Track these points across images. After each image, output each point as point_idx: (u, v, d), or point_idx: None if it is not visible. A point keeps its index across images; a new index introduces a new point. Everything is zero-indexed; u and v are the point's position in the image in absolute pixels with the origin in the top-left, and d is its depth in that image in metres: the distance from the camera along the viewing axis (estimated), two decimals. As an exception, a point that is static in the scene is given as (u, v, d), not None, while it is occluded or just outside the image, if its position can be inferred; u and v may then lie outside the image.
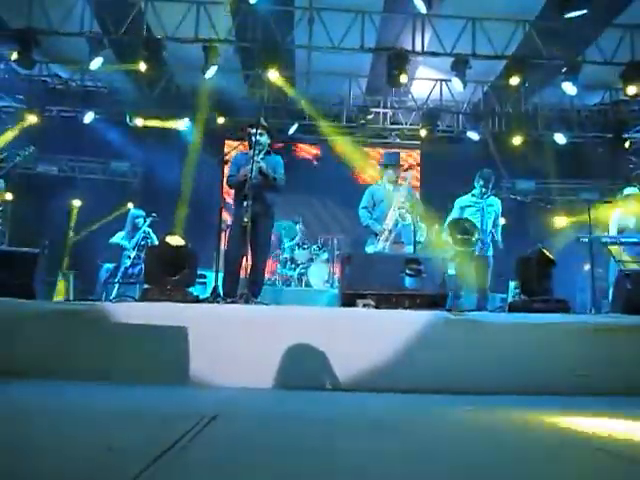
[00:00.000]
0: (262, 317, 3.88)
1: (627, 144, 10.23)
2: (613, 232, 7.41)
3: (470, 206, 7.01)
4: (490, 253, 6.88)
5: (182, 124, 10.22)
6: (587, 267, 7.28)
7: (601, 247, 7.22)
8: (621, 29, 8.26)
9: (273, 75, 8.51)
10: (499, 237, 7.03)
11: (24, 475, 1.54)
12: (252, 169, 5.12)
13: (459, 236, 6.54)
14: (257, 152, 5.35)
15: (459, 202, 7.15)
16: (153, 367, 3.59)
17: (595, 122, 11.01)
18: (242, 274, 5.38)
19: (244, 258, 5.26)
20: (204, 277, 7.23)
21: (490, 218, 6.96)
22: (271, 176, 5.44)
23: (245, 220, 5.04)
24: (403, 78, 8.21)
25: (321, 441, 2.16)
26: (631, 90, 8.20)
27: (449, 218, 7.04)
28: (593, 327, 3.75)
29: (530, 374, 3.62)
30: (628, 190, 7.63)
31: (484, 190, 6.95)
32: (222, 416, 2.48)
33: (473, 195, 7.06)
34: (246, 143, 5.71)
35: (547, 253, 4.76)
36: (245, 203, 5.08)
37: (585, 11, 6.71)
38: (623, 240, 6.91)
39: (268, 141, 5.68)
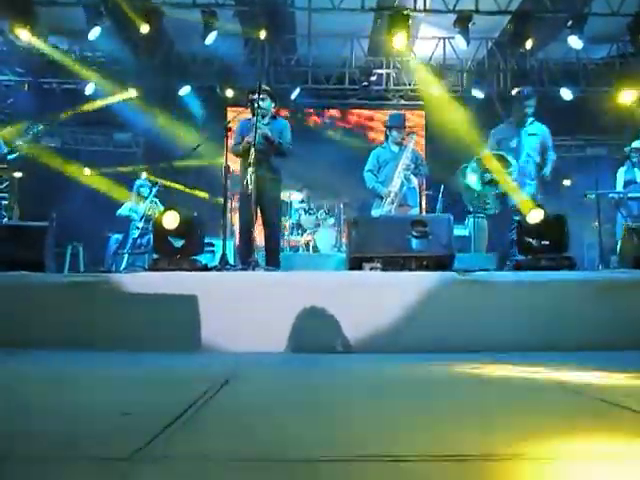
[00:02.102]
0: (271, 283, 3.93)
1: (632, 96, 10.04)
2: (620, 187, 7.38)
3: (506, 139, 5.96)
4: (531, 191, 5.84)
5: (183, 91, 10.14)
6: (595, 223, 7.24)
7: (608, 203, 7.20)
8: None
9: (263, 34, 8.38)
10: (548, 172, 5.92)
11: (42, 437, 1.60)
12: (255, 135, 5.11)
13: (487, 175, 5.63)
14: (260, 117, 5.32)
15: (496, 133, 6.16)
16: (165, 335, 3.66)
17: (602, 76, 10.81)
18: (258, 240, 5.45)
19: (255, 224, 5.31)
20: (212, 245, 7.27)
21: (534, 150, 5.91)
22: (276, 141, 5.42)
23: (250, 187, 5.06)
24: (405, 38, 8.08)
25: (332, 400, 2.22)
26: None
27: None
28: (598, 284, 3.78)
29: (534, 330, 3.67)
30: (636, 143, 7.51)
31: (527, 113, 5.97)
32: (234, 379, 2.54)
33: (510, 123, 6.19)
34: (249, 109, 5.66)
35: (545, 210, 4.75)
36: (250, 170, 5.09)
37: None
38: (630, 195, 6.89)
39: (272, 105, 5.65)
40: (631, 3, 8.17)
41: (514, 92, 6.12)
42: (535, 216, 4.72)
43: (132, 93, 9.87)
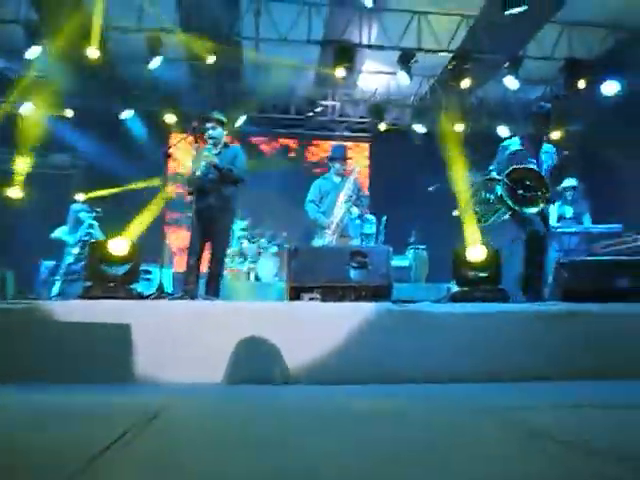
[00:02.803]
0: (209, 312, 3.84)
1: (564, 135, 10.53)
2: (554, 222, 7.68)
3: (518, 151, 5.30)
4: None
5: (126, 114, 10.00)
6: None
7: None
8: (559, 26, 8.53)
9: (210, 59, 8.34)
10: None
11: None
12: (202, 164, 5.08)
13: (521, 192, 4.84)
14: (211, 146, 5.30)
15: (508, 145, 5.47)
16: (97, 365, 3.51)
17: (536, 115, 11.29)
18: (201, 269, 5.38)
19: (202, 253, 5.28)
20: (149, 273, 7.10)
21: (547, 170, 5.31)
22: (225, 169, 5.36)
23: (200, 215, 5.09)
24: (350, 71, 8.26)
25: (265, 434, 2.17)
26: (578, 85, 8.54)
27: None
28: (530, 315, 3.88)
29: (470, 361, 3.72)
30: (566, 182, 7.87)
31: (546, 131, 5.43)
32: (165, 413, 2.45)
33: (522, 137, 5.50)
34: (192, 136, 5.60)
35: (482, 245, 4.88)
36: (199, 199, 5.11)
37: (525, 7, 6.88)
38: (562, 230, 7.17)
39: (224, 133, 5.62)
40: (563, 48, 8.62)
41: (535, 108, 5.48)
42: (476, 254, 4.82)
43: (69, 113, 9.66)
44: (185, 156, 5.64)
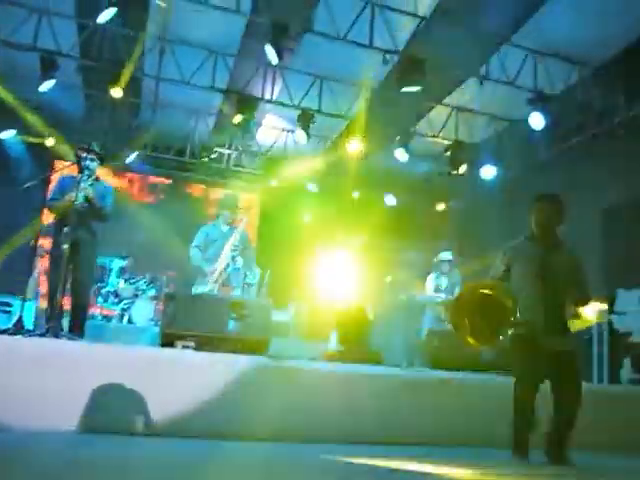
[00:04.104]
0: (70, 353, 3.57)
1: (445, 209, 11.19)
2: (430, 292, 8.03)
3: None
4: None
5: (6, 134, 9.37)
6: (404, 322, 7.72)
7: (418, 304, 7.77)
8: (449, 108, 9.18)
9: (117, 93, 8.06)
10: None
11: None
12: (77, 194, 4.80)
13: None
14: (86, 178, 5.04)
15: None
16: None
17: (421, 188, 12.00)
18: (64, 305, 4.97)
19: (65, 287, 4.89)
20: (9, 305, 6.51)
21: None
22: (98, 205, 5.12)
23: (65, 247, 4.71)
24: (248, 123, 8.33)
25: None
26: (459, 168, 9.15)
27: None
28: (399, 380, 3.96)
29: (340, 422, 3.70)
30: (442, 255, 8.32)
31: None
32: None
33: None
34: (76, 166, 5.33)
35: (366, 308, 4.98)
36: (67, 229, 4.76)
37: (419, 88, 7.34)
38: (436, 301, 7.49)
39: (98, 167, 5.39)
40: (450, 130, 9.26)
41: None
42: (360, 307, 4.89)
43: None
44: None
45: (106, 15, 6.44)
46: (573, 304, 3.55)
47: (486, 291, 3.39)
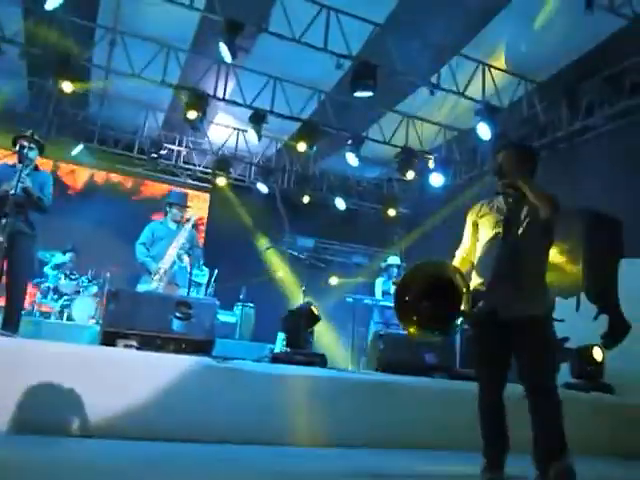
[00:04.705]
0: (2, 350, 3.42)
1: (393, 215, 11.32)
2: (378, 295, 8.12)
3: None
4: None
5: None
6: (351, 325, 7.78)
7: (365, 308, 7.85)
8: (400, 115, 9.31)
9: (67, 87, 7.79)
10: None
11: None
12: (17, 185, 4.62)
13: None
14: (24, 167, 4.86)
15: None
16: None
17: (371, 193, 12.14)
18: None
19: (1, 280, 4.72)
20: None
21: None
22: (36, 195, 4.94)
23: (0, 239, 4.53)
24: (199, 119, 8.22)
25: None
26: (408, 174, 9.29)
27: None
28: (340, 382, 3.98)
29: (283, 424, 3.69)
30: (390, 259, 8.45)
31: None
32: None
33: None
34: (15, 155, 5.13)
35: (313, 309, 4.99)
36: (4, 221, 4.57)
37: (371, 93, 7.42)
38: (382, 304, 7.57)
39: (37, 156, 5.21)
40: (401, 136, 9.40)
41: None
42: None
43: None
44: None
45: (54, 2, 6.22)
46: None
47: (429, 271, 2.93)
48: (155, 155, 10.20)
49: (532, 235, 2.97)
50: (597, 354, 5.40)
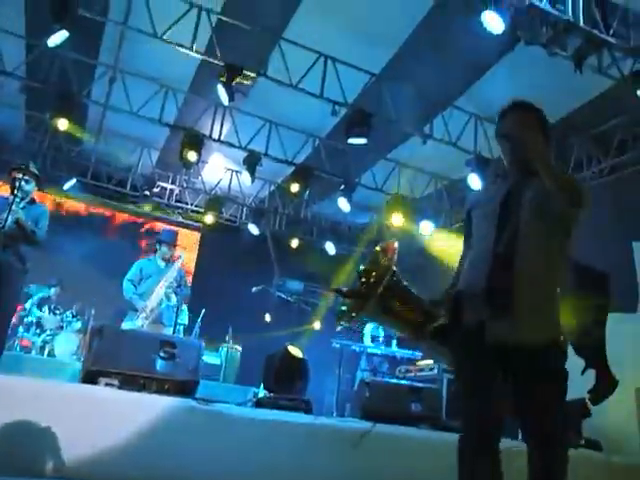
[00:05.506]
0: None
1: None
2: (367, 342, 8.05)
3: None
4: None
5: None
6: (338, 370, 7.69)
7: (352, 354, 7.77)
8: (392, 163, 9.44)
9: (62, 124, 7.85)
10: None
11: None
12: (8, 217, 4.60)
13: None
14: (19, 200, 4.84)
15: None
16: None
17: (361, 239, 12.18)
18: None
19: None
20: None
21: None
22: (29, 229, 4.91)
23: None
24: (195, 160, 8.28)
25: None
26: (394, 219, 9.32)
27: None
28: (323, 430, 3.91)
29: (258, 469, 3.60)
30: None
31: None
32: None
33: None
34: (9, 186, 5.13)
35: (293, 352, 4.93)
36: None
37: (365, 141, 7.54)
38: (369, 351, 7.51)
39: (34, 189, 5.20)
40: (392, 183, 9.50)
41: None
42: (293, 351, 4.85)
43: None
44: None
45: (57, 38, 6.32)
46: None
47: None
48: (147, 193, 10.24)
49: (539, 229, 2.24)
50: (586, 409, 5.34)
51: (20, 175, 4.93)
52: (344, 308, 2.40)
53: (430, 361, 6.95)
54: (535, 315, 2.15)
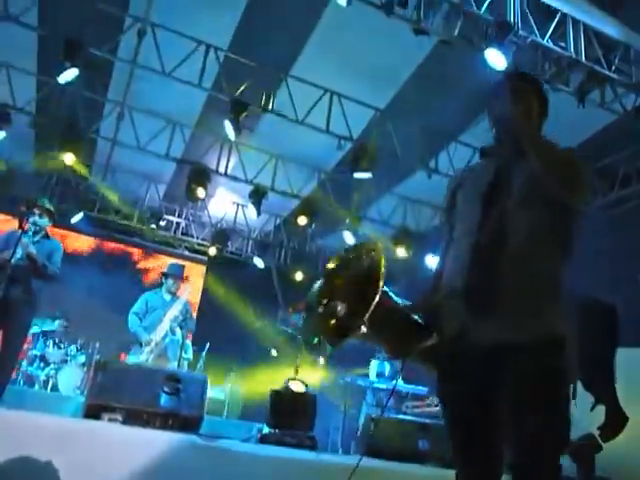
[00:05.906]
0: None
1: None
2: (372, 377, 7.94)
3: None
4: None
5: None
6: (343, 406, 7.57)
7: (357, 389, 7.66)
8: (397, 197, 9.48)
9: (69, 159, 7.96)
10: None
11: None
12: (15, 250, 4.61)
13: None
14: (30, 234, 4.86)
15: None
16: None
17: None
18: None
19: None
20: None
21: None
22: (40, 262, 4.90)
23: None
24: (201, 194, 8.34)
25: None
26: (401, 252, 9.30)
27: None
28: (329, 467, 3.83)
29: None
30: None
31: None
32: None
33: None
34: (17, 220, 5.15)
35: (296, 388, 4.88)
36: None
37: (369, 175, 7.59)
38: (375, 386, 7.40)
39: (48, 224, 5.21)
40: (398, 216, 9.52)
41: None
42: (296, 387, 4.79)
43: None
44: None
45: (67, 76, 6.44)
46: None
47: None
48: (154, 226, 10.29)
49: (529, 218, 1.89)
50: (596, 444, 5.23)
51: (35, 210, 4.96)
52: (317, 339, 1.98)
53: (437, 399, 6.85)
54: (523, 313, 1.80)
